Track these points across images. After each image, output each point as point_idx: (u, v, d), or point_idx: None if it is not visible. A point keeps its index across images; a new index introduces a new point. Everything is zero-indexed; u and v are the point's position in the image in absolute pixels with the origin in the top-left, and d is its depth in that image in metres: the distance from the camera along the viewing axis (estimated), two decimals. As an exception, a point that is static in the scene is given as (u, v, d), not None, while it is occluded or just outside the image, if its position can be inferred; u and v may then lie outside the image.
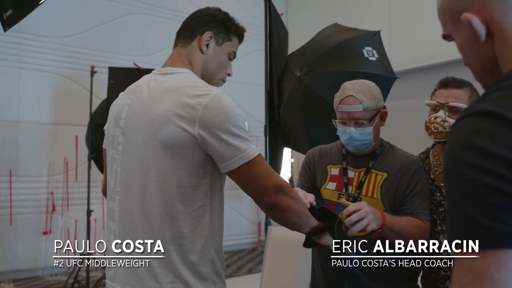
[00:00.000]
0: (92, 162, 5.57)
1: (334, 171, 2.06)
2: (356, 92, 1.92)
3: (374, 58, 3.54)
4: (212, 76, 1.64)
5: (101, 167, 5.79)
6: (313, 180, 2.12)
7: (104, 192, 1.72)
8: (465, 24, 0.87)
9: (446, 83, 1.97)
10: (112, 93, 5.40)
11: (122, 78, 5.49)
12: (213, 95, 1.43)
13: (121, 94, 1.67)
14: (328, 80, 3.49)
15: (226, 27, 1.66)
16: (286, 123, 3.82)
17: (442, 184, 1.95)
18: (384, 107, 2.00)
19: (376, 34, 3.71)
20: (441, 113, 1.92)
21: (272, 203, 1.44)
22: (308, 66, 3.63)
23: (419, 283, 2.06)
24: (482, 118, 0.74)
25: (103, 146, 1.72)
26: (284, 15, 7.04)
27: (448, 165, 0.77)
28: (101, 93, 6.09)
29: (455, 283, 0.76)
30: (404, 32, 6.67)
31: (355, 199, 1.95)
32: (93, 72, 5.56)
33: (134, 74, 5.57)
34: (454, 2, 0.90)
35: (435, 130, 1.92)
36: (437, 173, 2.01)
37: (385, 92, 3.56)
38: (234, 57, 1.71)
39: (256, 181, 1.43)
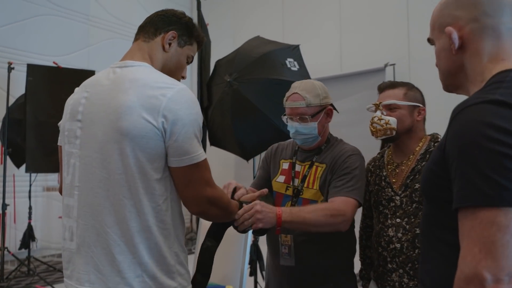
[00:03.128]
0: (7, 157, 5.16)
1: (285, 165, 2.07)
2: (301, 90, 1.93)
3: (295, 69, 3.72)
4: (170, 75, 1.51)
5: (17, 162, 5.42)
6: (269, 172, 2.15)
7: (61, 192, 1.57)
8: (446, 35, 1.09)
9: (382, 88, 1.99)
10: (31, 90, 5.09)
11: (41, 75, 5.17)
12: (178, 89, 1.36)
13: (77, 89, 1.54)
14: (256, 86, 3.62)
15: (189, 31, 1.60)
16: (214, 123, 3.87)
17: (394, 180, 1.93)
18: (331, 105, 2.01)
19: (296, 47, 3.91)
20: (377, 113, 1.93)
21: (200, 212, 1.43)
22: (238, 73, 3.73)
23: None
24: (495, 105, 0.90)
25: (58, 144, 1.58)
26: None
27: (469, 139, 0.89)
28: (15, 91, 5.65)
29: (475, 237, 0.85)
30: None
31: (298, 191, 1.97)
32: (10, 68, 5.15)
33: (54, 72, 5.28)
34: (444, 16, 1.11)
35: (374, 129, 1.92)
36: (389, 170, 1.96)
37: (303, 98, 3.76)
38: (191, 61, 1.65)
39: (193, 187, 1.37)
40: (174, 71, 1.58)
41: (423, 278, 1.11)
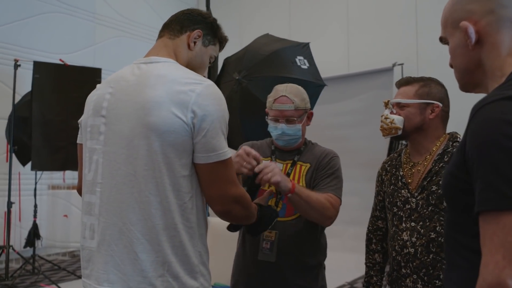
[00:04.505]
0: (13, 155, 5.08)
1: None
2: (289, 93, 1.99)
3: (305, 67, 3.67)
4: None
5: (23, 160, 5.35)
6: None
7: (79, 190, 1.53)
8: (462, 30, 1.03)
9: (398, 84, 1.94)
10: (37, 87, 5.02)
11: (48, 73, 5.10)
12: (207, 85, 1.34)
13: (99, 85, 1.51)
14: (265, 84, 3.54)
15: (214, 31, 1.60)
16: (222, 121, 3.77)
17: (410, 180, 1.86)
18: (311, 109, 2.09)
19: (306, 45, 3.84)
20: (385, 111, 1.90)
21: (225, 211, 1.39)
22: (247, 70, 3.67)
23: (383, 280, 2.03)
24: None
25: (78, 141, 1.54)
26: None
27: (489, 139, 0.84)
28: (21, 88, 5.58)
29: (497, 243, 0.80)
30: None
31: None
32: (16, 66, 5.07)
33: (60, 69, 5.21)
34: (458, 11, 1.05)
35: (381, 128, 1.90)
36: (405, 170, 1.89)
37: (315, 97, 3.70)
38: (214, 61, 1.66)
39: (218, 185, 1.35)
40: (197, 70, 1.55)
41: (448, 286, 1.05)
